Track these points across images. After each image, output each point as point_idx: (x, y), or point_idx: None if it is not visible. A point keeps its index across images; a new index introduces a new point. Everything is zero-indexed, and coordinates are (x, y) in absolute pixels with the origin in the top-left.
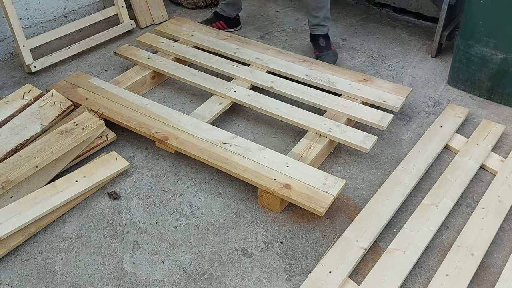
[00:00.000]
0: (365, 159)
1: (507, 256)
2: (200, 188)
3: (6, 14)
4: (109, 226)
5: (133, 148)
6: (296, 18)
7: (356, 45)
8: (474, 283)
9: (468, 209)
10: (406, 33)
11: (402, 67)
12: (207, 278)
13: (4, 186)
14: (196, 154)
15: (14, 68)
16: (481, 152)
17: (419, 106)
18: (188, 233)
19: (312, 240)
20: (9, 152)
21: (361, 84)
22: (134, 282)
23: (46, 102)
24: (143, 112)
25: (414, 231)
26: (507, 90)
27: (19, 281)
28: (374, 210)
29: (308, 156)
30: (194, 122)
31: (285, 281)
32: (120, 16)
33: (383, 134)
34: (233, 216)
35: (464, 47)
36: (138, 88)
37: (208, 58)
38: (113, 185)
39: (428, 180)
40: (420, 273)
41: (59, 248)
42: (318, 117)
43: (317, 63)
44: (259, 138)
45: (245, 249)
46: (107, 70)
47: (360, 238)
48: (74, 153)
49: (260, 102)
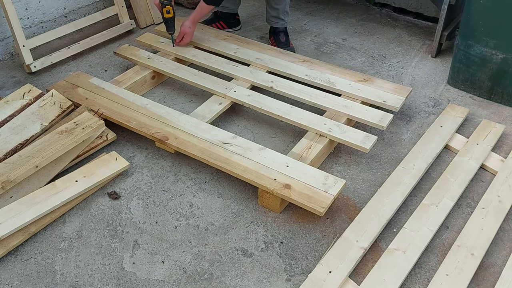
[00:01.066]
0: (365, 159)
1: (507, 256)
2: (200, 188)
3: (6, 14)
4: (109, 226)
5: (133, 148)
6: (296, 18)
7: (356, 45)
8: (474, 283)
9: (468, 209)
10: (406, 33)
11: (402, 67)
12: (207, 278)
13: (4, 186)
14: (196, 154)
15: (14, 68)
16: (481, 152)
17: (419, 106)
18: (188, 233)
19: (312, 240)
20: (9, 152)
21: (361, 84)
22: (134, 282)
23: (46, 102)
24: (143, 112)
25: (414, 231)
26: (507, 90)
27: (19, 281)
28: (374, 210)
29: (308, 156)
30: (194, 122)
31: (285, 281)
32: (120, 16)
33: (383, 134)
34: (233, 216)
35: (464, 47)
36: (138, 88)
37: (208, 58)
38: (113, 185)
39: (428, 180)
40: (420, 273)
41: (59, 248)
42: (318, 117)
43: (317, 63)
44: (259, 138)
45: (245, 249)
46: (107, 70)
47: (360, 238)
48: (74, 153)
49: (260, 102)
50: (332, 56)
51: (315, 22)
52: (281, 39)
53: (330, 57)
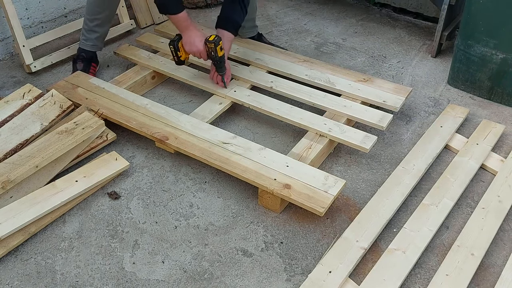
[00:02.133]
0: (365, 159)
1: (507, 256)
2: (200, 188)
3: (6, 14)
4: (109, 226)
5: (133, 148)
6: (296, 18)
7: (356, 45)
8: (474, 283)
9: (468, 209)
10: (406, 33)
11: (402, 67)
12: (207, 278)
13: (4, 186)
14: (196, 154)
15: (14, 68)
16: (481, 152)
17: (419, 106)
18: (188, 233)
19: (312, 240)
20: (9, 152)
21: (361, 84)
22: (134, 282)
23: (46, 102)
24: (143, 112)
25: (414, 231)
26: (507, 90)
27: (19, 281)
28: (374, 210)
29: (308, 156)
30: (194, 122)
31: (285, 281)
32: (120, 16)
33: (383, 134)
34: (233, 216)
35: (464, 47)
36: (138, 88)
37: None
38: (113, 185)
39: (428, 180)
40: (420, 273)
41: (59, 248)
42: (318, 117)
43: (317, 63)
44: (259, 138)
45: (245, 249)
46: (107, 70)
47: (360, 238)
48: (74, 153)
49: (260, 102)
50: (332, 56)
51: (315, 22)
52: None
53: (330, 57)
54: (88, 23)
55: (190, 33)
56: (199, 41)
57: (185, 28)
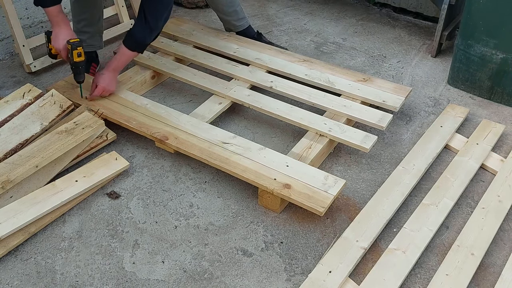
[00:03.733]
0: (365, 159)
1: (507, 256)
2: (200, 188)
3: (6, 14)
4: (109, 226)
5: (133, 148)
6: (296, 18)
7: (356, 45)
8: (474, 283)
9: (468, 209)
10: (406, 33)
11: (402, 67)
12: (207, 278)
13: (4, 186)
14: (196, 154)
15: (14, 68)
16: (481, 152)
17: (419, 106)
18: (188, 233)
19: (312, 240)
20: (9, 151)
21: (361, 83)
22: (134, 282)
23: (46, 102)
24: (143, 112)
25: (414, 231)
26: (507, 90)
27: (19, 281)
28: (374, 210)
29: (308, 156)
30: (194, 122)
31: (285, 281)
32: (120, 16)
33: (383, 134)
34: (233, 216)
35: (464, 47)
36: (138, 88)
37: (208, 58)
38: (113, 185)
39: (428, 180)
40: (420, 273)
41: (59, 248)
42: (318, 117)
43: (317, 63)
44: (259, 138)
45: (245, 249)
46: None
47: (360, 238)
48: (74, 153)
49: (260, 102)
50: (332, 56)
51: (315, 22)
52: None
53: (330, 57)
54: (76, 25)
55: (58, 29)
56: (62, 39)
57: (55, 24)
